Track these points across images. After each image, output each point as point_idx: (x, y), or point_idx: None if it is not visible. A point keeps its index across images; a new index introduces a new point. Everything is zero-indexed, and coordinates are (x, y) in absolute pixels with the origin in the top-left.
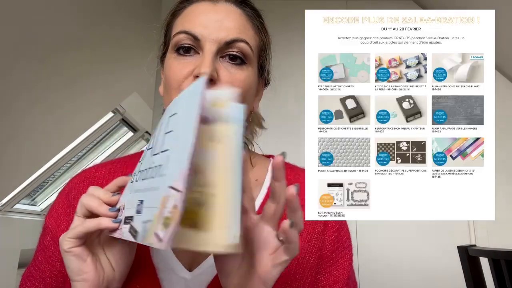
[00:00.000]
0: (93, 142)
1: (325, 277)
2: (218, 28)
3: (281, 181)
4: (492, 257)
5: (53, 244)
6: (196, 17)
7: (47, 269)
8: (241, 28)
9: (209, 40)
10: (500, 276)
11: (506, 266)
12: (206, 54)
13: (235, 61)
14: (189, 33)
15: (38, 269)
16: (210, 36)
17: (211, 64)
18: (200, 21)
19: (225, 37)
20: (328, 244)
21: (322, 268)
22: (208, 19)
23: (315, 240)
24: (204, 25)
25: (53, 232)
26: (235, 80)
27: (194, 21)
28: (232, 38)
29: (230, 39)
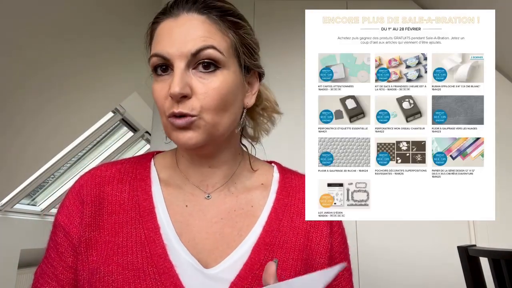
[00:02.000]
0: (93, 142)
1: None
2: (182, 42)
3: None
4: (492, 257)
5: (65, 240)
6: (163, 37)
7: (60, 265)
8: (206, 35)
9: (176, 57)
10: (500, 276)
11: (506, 266)
12: (175, 72)
13: (208, 68)
14: (159, 55)
15: (51, 266)
16: (177, 53)
17: (179, 82)
18: (166, 41)
19: (190, 49)
20: (336, 246)
21: None
22: (172, 36)
23: (324, 242)
24: (169, 43)
25: (66, 228)
26: (209, 89)
27: (161, 41)
28: (197, 48)
29: (196, 50)
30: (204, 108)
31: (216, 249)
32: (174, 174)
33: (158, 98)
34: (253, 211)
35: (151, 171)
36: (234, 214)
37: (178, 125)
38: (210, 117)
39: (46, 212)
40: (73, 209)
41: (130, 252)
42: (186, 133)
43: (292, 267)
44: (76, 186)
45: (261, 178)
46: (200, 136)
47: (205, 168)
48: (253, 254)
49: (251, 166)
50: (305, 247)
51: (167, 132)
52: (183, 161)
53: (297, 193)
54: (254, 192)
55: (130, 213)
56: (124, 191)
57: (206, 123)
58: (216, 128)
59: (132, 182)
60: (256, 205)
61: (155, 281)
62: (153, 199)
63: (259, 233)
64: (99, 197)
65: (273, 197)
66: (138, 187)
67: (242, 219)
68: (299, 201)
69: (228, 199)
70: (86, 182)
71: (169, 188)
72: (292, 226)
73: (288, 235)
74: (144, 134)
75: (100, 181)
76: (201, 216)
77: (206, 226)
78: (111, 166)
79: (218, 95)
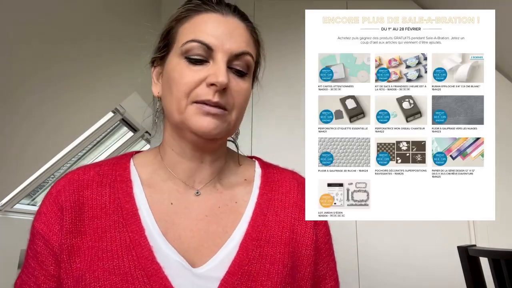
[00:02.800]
0: (93, 142)
1: (323, 267)
2: (229, 39)
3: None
4: (492, 257)
5: (45, 248)
6: (207, 27)
7: (41, 274)
8: (247, 42)
9: (221, 50)
10: (500, 276)
11: (506, 266)
12: (220, 64)
13: (240, 72)
14: (203, 42)
15: (32, 275)
16: (222, 47)
17: (226, 73)
18: (212, 31)
19: (235, 49)
20: (321, 237)
21: (319, 259)
22: (219, 30)
23: (309, 234)
24: (216, 35)
25: (45, 236)
26: (241, 89)
27: (206, 30)
28: (241, 51)
29: (240, 52)
30: (235, 106)
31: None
32: (159, 170)
33: (188, 82)
34: (237, 207)
35: (131, 172)
36: (219, 210)
37: (210, 111)
38: (235, 116)
39: None
40: (51, 216)
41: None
42: (214, 121)
43: (279, 260)
44: (52, 192)
45: (244, 174)
46: (223, 128)
47: (196, 163)
48: (241, 250)
49: (239, 161)
50: (291, 240)
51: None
52: (171, 155)
53: (279, 187)
54: (237, 188)
55: (112, 217)
56: (105, 194)
57: (231, 120)
58: (233, 126)
59: (112, 184)
60: (240, 201)
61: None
62: (135, 201)
63: (245, 228)
64: (78, 202)
65: (257, 192)
66: (119, 189)
67: (226, 216)
68: (282, 195)
69: (213, 196)
70: (64, 187)
71: (151, 187)
72: (277, 220)
73: (274, 230)
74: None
75: (78, 186)
76: (187, 214)
77: (191, 224)
78: (89, 169)
79: (245, 98)
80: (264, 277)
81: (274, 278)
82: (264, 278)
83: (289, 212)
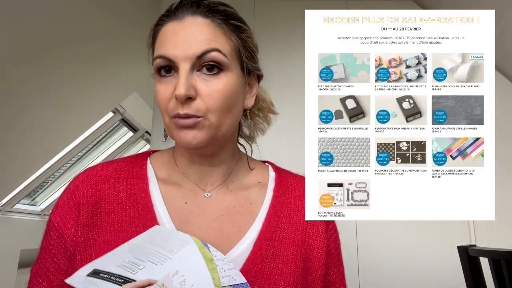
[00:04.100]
0: (93, 142)
1: (334, 271)
2: (188, 45)
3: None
4: (492, 257)
5: (58, 241)
6: (167, 39)
7: (52, 266)
8: (211, 38)
9: (181, 59)
10: (500, 276)
11: (506, 266)
12: (180, 74)
13: (212, 71)
14: (164, 56)
15: (43, 266)
16: (182, 55)
17: (185, 83)
18: (171, 42)
19: (195, 52)
20: (332, 242)
21: (330, 263)
22: (177, 38)
23: (321, 238)
24: (174, 45)
25: (60, 230)
26: (214, 91)
27: (166, 44)
28: (202, 51)
29: (201, 52)
30: (209, 109)
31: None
32: (173, 172)
33: (162, 99)
34: (251, 208)
35: (147, 170)
36: (234, 211)
37: (183, 124)
38: (215, 118)
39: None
40: (67, 210)
41: None
42: (190, 132)
43: (292, 261)
44: (71, 187)
45: (258, 177)
46: (204, 135)
47: (205, 167)
48: (255, 249)
49: (248, 165)
50: (303, 243)
51: (170, 132)
52: (182, 160)
53: (293, 191)
54: (252, 190)
55: (128, 212)
56: (121, 190)
57: (210, 123)
58: (219, 129)
59: (129, 180)
60: (254, 202)
61: None
62: (151, 197)
63: (259, 229)
64: (95, 196)
65: (271, 194)
66: (135, 185)
67: (241, 216)
68: (296, 198)
69: (227, 197)
70: (82, 182)
71: (167, 185)
72: (290, 223)
73: (287, 231)
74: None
75: (96, 181)
76: (201, 213)
77: (206, 223)
78: (107, 166)
79: (222, 97)
80: (278, 276)
81: (287, 278)
82: (277, 277)
83: (301, 215)
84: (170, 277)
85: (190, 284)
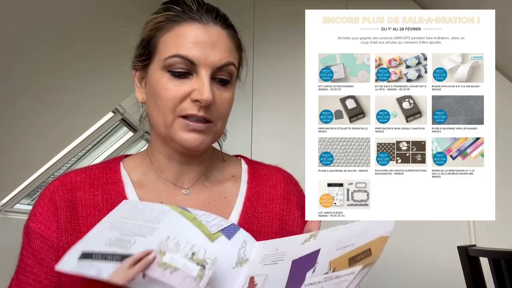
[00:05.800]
0: (93, 142)
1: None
2: (211, 52)
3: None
4: (492, 257)
5: (44, 246)
6: (189, 39)
7: (42, 271)
8: (230, 51)
9: (203, 64)
10: (500, 276)
11: (506, 266)
12: (204, 80)
13: (223, 82)
14: (185, 57)
15: (31, 273)
16: (205, 61)
17: (210, 89)
18: (194, 44)
19: (218, 61)
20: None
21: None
22: (201, 43)
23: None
24: (198, 48)
25: (44, 235)
26: (225, 100)
27: (187, 44)
28: (224, 63)
29: (222, 64)
30: (219, 116)
31: None
32: (148, 172)
33: (173, 98)
34: (227, 201)
35: (121, 174)
36: (209, 206)
37: (194, 127)
38: (220, 125)
39: None
40: (48, 215)
41: None
42: (200, 136)
43: None
44: (46, 192)
45: (231, 171)
46: (210, 141)
47: (184, 166)
48: None
49: (222, 157)
50: (281, 230)
51: (172, 131)
52: (160, 158)
53: (266, 181)
54: (226, 184)
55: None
56: (97, 195)
57: (216, 129)
58: (219, 135)
59: (104, 186)
60: (229, 196)
61: None
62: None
63: (237, 221)
64: (72, 202)
65: (245, 187)
66: (111, 190)
67: (217, 210)
68: (270, 188)
69: (202, 193)
70: (57, 188)
71: (142, 188)
72: (266, 212)
73: (264, 220)
74: (144, 134)
75: (71, 187)
76: None
77: None
78: (80, 172)
79: (229, 106)
80: None
81: None
82: None
83: (277, 204)
84: (164, 242)
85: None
